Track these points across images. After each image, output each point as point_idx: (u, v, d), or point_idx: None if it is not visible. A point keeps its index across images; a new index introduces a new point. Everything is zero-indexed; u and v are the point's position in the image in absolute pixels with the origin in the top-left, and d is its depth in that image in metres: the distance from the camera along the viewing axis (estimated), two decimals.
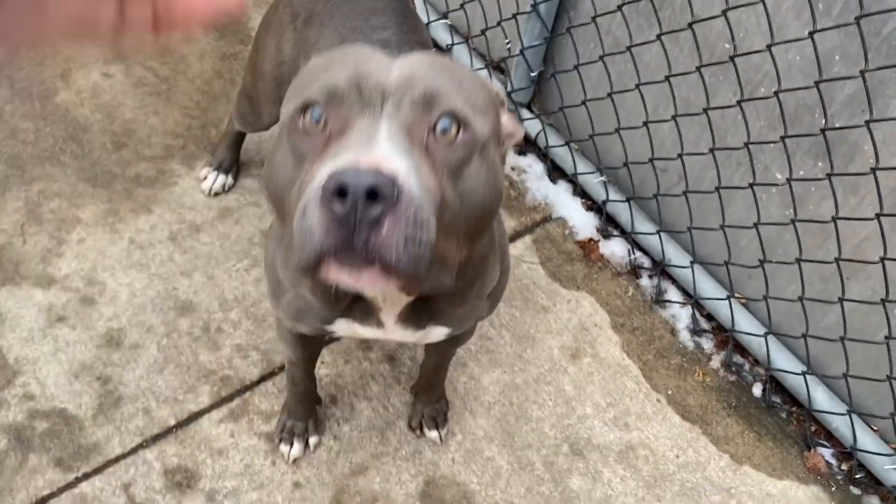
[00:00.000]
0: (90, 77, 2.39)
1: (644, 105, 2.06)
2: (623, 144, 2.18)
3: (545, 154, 2.41)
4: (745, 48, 1.76)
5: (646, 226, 2.23)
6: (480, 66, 2.51)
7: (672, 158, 2.07)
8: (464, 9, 2.49)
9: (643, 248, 2.26)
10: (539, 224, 2.30)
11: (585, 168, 2.33)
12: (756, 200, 1.91)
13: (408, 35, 1.47)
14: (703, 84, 1.89)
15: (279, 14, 1.66)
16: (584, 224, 2.31)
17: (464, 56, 2.52)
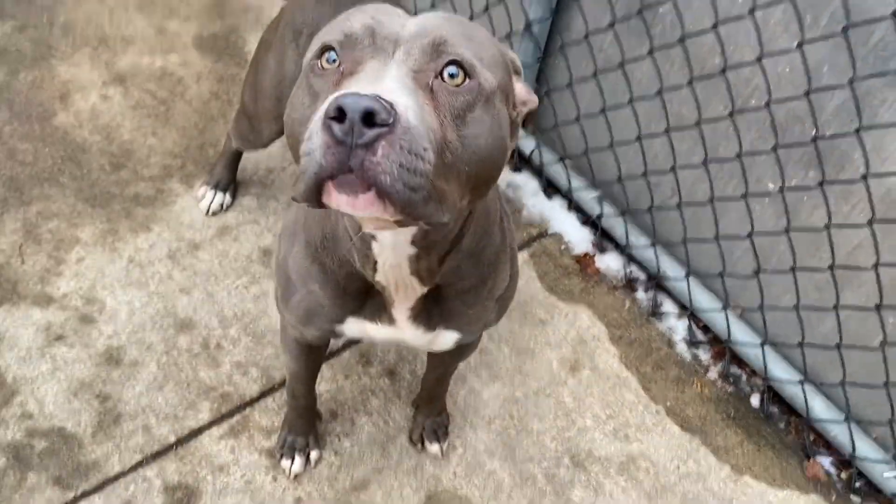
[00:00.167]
0: (89, 99, 2.41)
1: (637, 120, 2.10)
2: (617, 160, 2.21)
3: (540, 171, 2.44)
4: (736, 61, 1.80)
5: (641, 239, 2.25)
6: None
7: (665, 172, 2.10)
8: None
9: (638, 262, 2.28)
10: (535, 239, 2.33)
11: (580, 184, 2.35)
12: (749, 211, 1.93)
13: None
14: (695, 98, 1.92)
15: (280, 33, 1.69)
16: (580, 239, 2.33)
17: None
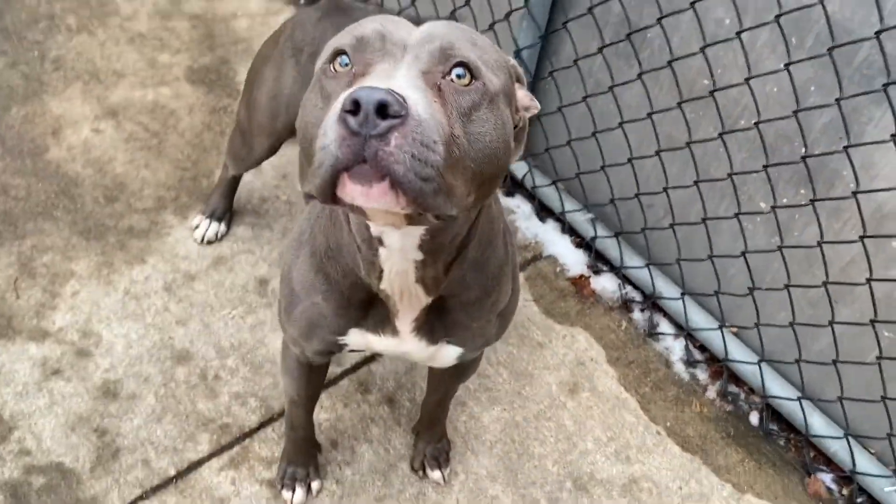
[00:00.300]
0: (81, 133, 2.42)
1: (628, 142, 2.12)
2: (609, 181, 2.24)
3: (532, 194, 2.46)
4: (724, 83, 1.83)
5: (635, 260, 2.27)
6: None
7: (657, 193, 2.13)
8: None
9: (633, 283, 2.30)
10: (530, 262, 2.34)
11: (572, 206, 2.37)
12: (742, 230, 1.95)
13: None
14: (685, 119, 1.95)
15: (280, 47, 1.70)
16: (575, 261, 2.35)
17: None
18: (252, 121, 1.82)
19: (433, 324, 1.24)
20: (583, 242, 2.38)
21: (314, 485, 1.78)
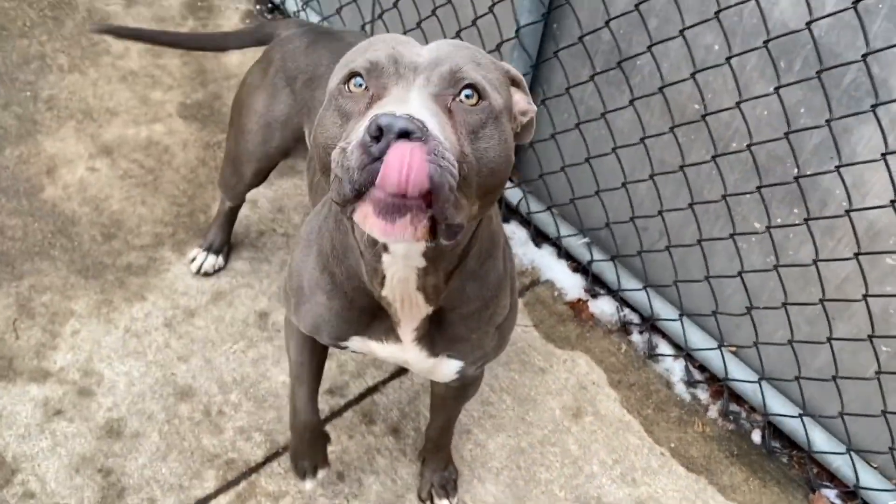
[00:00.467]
0: (76, 172, 2.42)
1: (621, 167, 2.16)
2: (603, 206, 2.26)
3: (528, 220, 2.48)
4: (715, 107, 1.87)
5: (632, 283, 2.29)
6: None
7: (652, 216, 2.16)
8: None
9: (631, 305, 2.32)
10: (528, 288, 2.35)
11: (568, 231, 2.40)
12: (738, 250, 1.98)
13: None
14: (677, 143, 1.99)
15: (270, 79, 1.77)
16: (572, 285, 2.36)
17: None
18: (241, 148, 1.87)
19: (434, 336, 1.29)
20: (579, 267, 2.41)
21: (320, 474, 1.78)
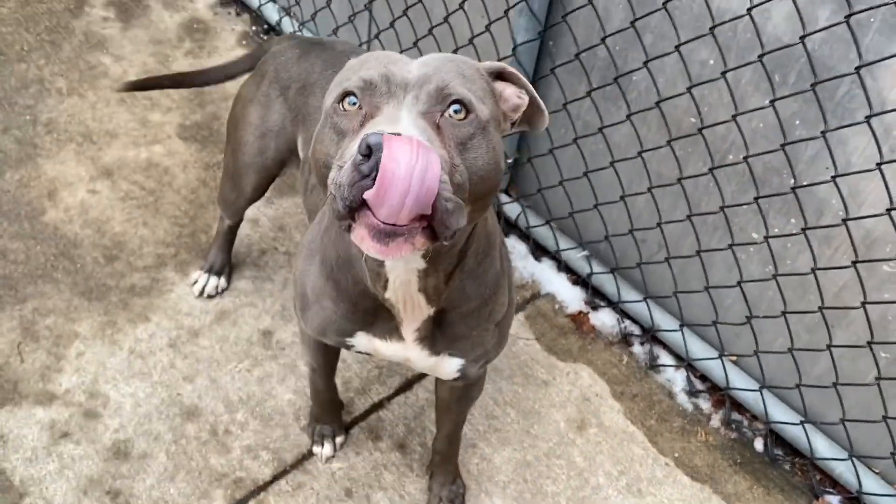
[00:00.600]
0: (77, 195, 2.43)
1: (619, 180, 2.19)
2: (602, 219, 2.29)
3: (527, 235, 2.50)
4: (711, 120, 1.90)
5: (632, 294, 2.31)
6: None
7: (651, 228, 2.18)
8: None
9: (632, 317, 2.34)
10: (529, 301, 2.37)
11: (567, 244, 2.42)
12: (736, 260, 2.01)
13: None
14: (675, 156, 2.02)
15: (263, 90, 1.83)
16: (572, 298, 2.39)
17: None
18: (239, 162, 1.91)
19: (435, 335, 1.35)
20: (579, 279, 2.43)
21: (338, 440, 1.94)
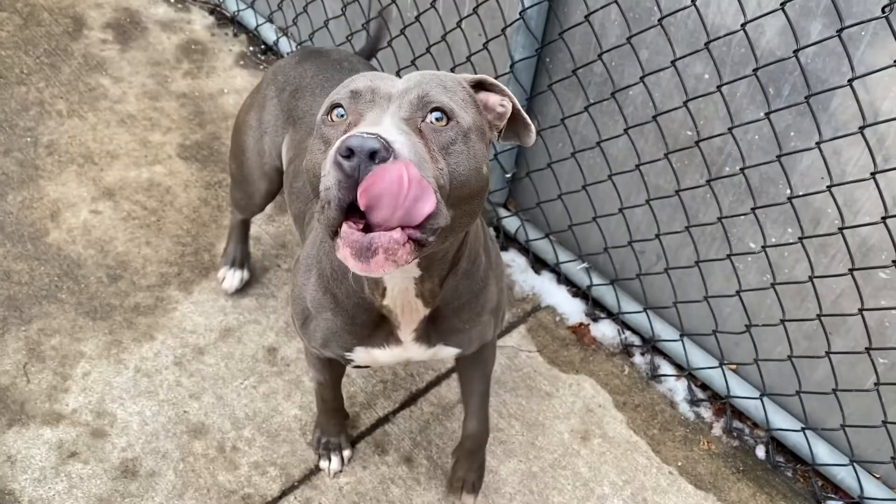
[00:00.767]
0: (79, 215, 2.44)
1: (617, 193, 2.22)
2: (601, 231, 2.32)
3: (526, 248, 2.53)
4: (708, 133, 1.94)
5: (632, 305, 2.34)
6: None
7: (650, 239, 2.21)
8: None
9: (632, 328, 2.37)
10: (530, 314, 2.40)
11: (567, 257, 2.45)
12: (735, 270, 2.04)
13: None
14: (672, 169, 2.05)
15: (262, 92, 1.90)
16: (573, 310, 2.41)
17: None
18: (243, 167, 1.96)
19: (429, 330, 1.40)
20: (579, 291, 2.46)
21: (346, 454, 1.95)
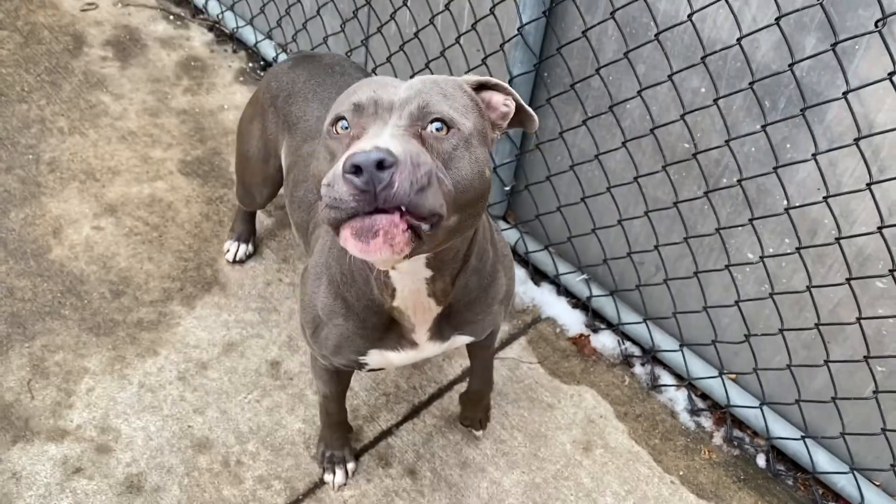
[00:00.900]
0: (82, 232, 2.46)
1: (616, 205, 2.24)
2: (600, 243, 2.34)
3: (526, 260, 2.55)
4: (705, 145, 1.97)
5: (632, 316, 2.36)
6: None
7: (649, 251, 2.24)
8: None
9: (632, 338, 2.38)
10: (530, 326, 2.41)
11: (566, 268, 2.47)
12: (733, 280, 2.07)
13: None
14: (670, 181, 2.08)
15: (260, 102, 1.96)
16: (573, 321, 2.43)
17: None
18: (248, 172, 2.05)
19: (442, 326, 1.43)
20: (579, 303, 2.48)
21: (350, 466, 1.96)
